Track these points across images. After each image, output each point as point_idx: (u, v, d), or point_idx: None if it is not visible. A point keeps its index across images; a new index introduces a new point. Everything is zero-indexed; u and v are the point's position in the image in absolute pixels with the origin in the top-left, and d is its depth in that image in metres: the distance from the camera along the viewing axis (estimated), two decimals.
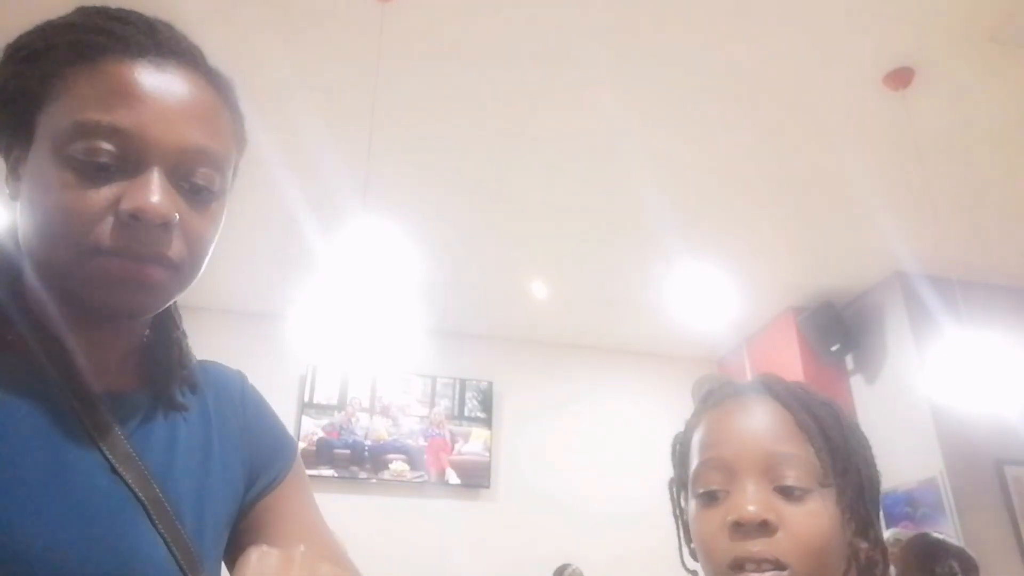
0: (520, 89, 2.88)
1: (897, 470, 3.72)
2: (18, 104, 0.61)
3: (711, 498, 0.73)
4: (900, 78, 2.79)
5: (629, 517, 4.38)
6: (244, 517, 0.73)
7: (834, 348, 4.33)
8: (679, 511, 0.82)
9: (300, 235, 3.66)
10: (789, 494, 0.71)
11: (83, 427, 0.60)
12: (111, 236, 0.58)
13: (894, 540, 2.44)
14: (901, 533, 2.66)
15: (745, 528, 0.69)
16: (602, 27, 2.60)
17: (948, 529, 3.40)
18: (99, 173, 0.58)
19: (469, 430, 4.65)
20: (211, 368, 0.78)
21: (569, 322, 4.84)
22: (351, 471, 4.36)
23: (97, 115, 0.58)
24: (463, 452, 4.59)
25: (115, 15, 0.63)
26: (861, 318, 4.38)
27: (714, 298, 4.37)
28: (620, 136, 3.11)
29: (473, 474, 4.55)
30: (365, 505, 4.29)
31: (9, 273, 0.64)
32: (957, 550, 2.27)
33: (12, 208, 0.68)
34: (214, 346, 1.23)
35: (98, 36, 0.61)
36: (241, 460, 0.74)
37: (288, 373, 4.37)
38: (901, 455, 3.74)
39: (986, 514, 3.62)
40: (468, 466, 4.57)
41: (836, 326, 4.32)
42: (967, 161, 3.26)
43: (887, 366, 4.16)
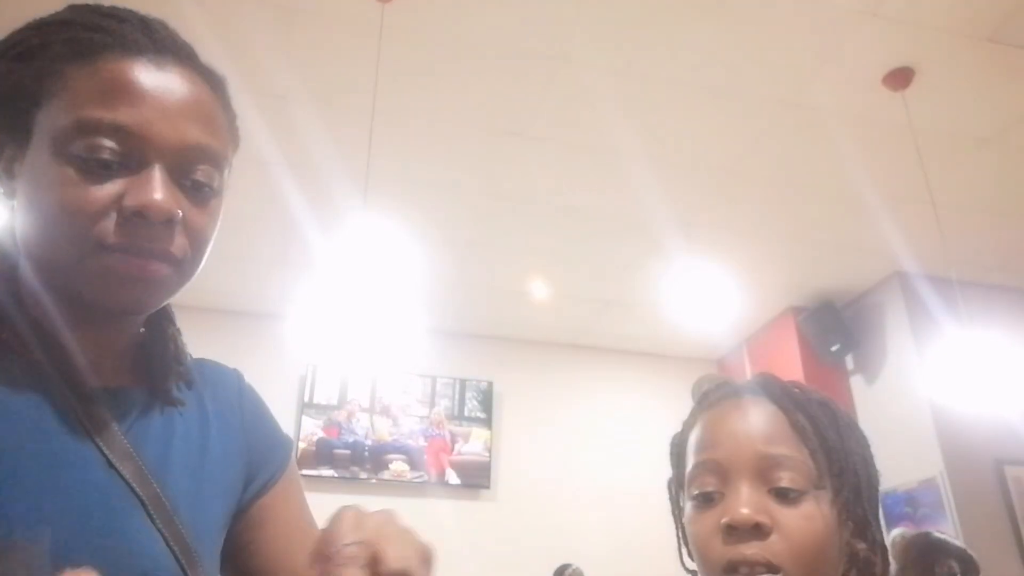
0: (520, 88, 2.88)
1: (897, 470, 3.72)
2: (12, 102, 0.61)
3: (706, 500, 0.73)
4: (900, 78, 2.79)
5: (629, 517, 4.38)
6: (241, 515, 0.73)
7: (834, 348, 4.33)
8: (677, 511, 0.82)
9: (300, 235, 3.66)
10: (783, 496, 0.70)
11: (80, 423, 0.60)
12: (115, 232, 0.58)
13: (900, 539, 2.42)
14: (907, 533, 2.65)
15: (738, 531, 0.69)
16: (602, 27, 2.60)
17: (948, 529, 3.40)
18: (101, 170, 0.58)
19: (469, 430, 4.65)
20: (207, 365, 0.78)
21: (569, 322, 4.83)
22: (351, 471, 4.36)
23: (99, 113, 0.58)
24: (463, 452, 4.59)
25: (110, 12, 0.64)
26: (861, 318, 4.38)
27: (714, 298, 4.38)
28: (620, 135, 3.11)
29: (473, 474, 4.55)
30: (365, 505, 4.28)
31: (4, 271, 0.64)
32: (958, 550, 2.26)
33: (6, 207, 0.68)
34: (214, 346, 1.22)
35: (95, 33, 0.61)
36: (239, 457, 0.74)
37: (288, 373, 4.37)
38: (901, 455, 3.74)
39: (986, 514, 3.62)
40: (468, 466, 4.57)
41: (836, 326, 4.32)
42: (967, 161, 3.26)
43: (887, 366, 4.16)
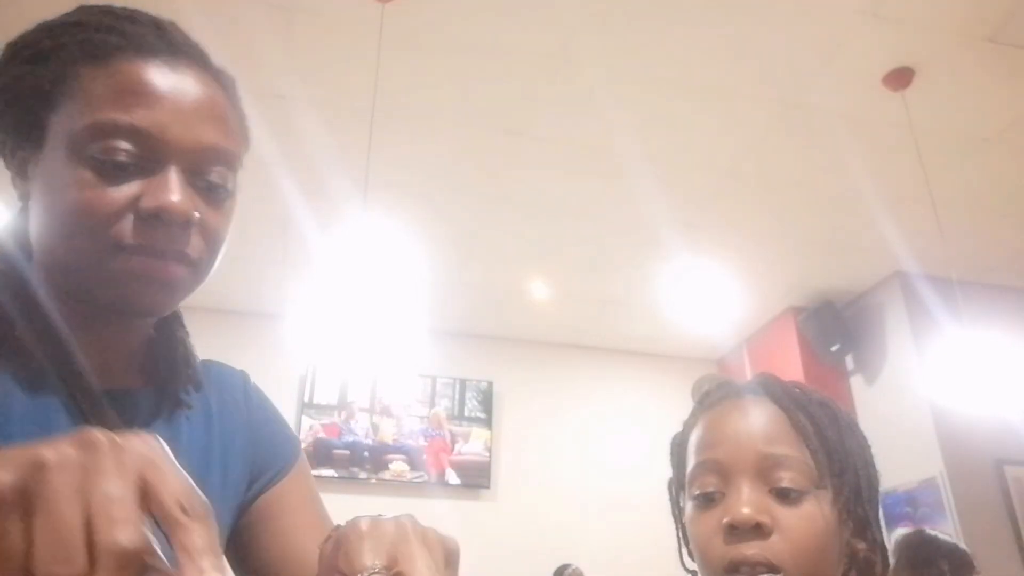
0: (520, 90, 2.88)
1: (897, 470, 3.72)
2: (25, 104, 0.61)
3: (707, 500, 0.73)
4: (900, 78, 2.79)
5: (630, 517, 4.38)
6: (245, 513, 0.73)
7: (834, 348, 4.33)
8: (678, 512, 0.82)
9: (300, 235, 3.66)
10: (784, 496, 0.70)
11: (87, 425, 0.60)
12: (132, 234, 0.58)
13: (895, 539, 2.42)
14: (904, 532, 2.64)
15: (739, 531, 0.69)
16: (603, 27, 2.60)
17: (948, 529, 3.40)
18: (117, 172, 0.58)
19: (469, 430, 4.65)
20: (214, 367, 0.78)
21: (569, 322, 4.84)
22: (351, 471, 4.36)
23: (115, 114, 0.58)
24: (463, 452, 4.59)
25: (122, 14, 0.64)
26: (861, 318, 4.38)
27: (714, 298, 4.38)
28: (621, 136, 3.11)
29: (473, 474, 4.55)
30: (365, 505, 4.24)
31: (13, 271, 0.64)
32: (948, 549, 2.23)
33: (13, 208, 0.68)
34: (214, 346, 1.22)
35: (109, 35, 0.61)
36: (243, 459, 0.74)
37: (288, 373, 4.37)
38: (901, 455, 3.74)
39: (986, 514, 3.62)
40: (468, 466, 4.57)
41: (836, 326, 4.32)
42: (967, 161, 3.26)
43: (887, 366, 4.16)
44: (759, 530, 0.68)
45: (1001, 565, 3.45)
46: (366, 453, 4.42)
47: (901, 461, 3.73)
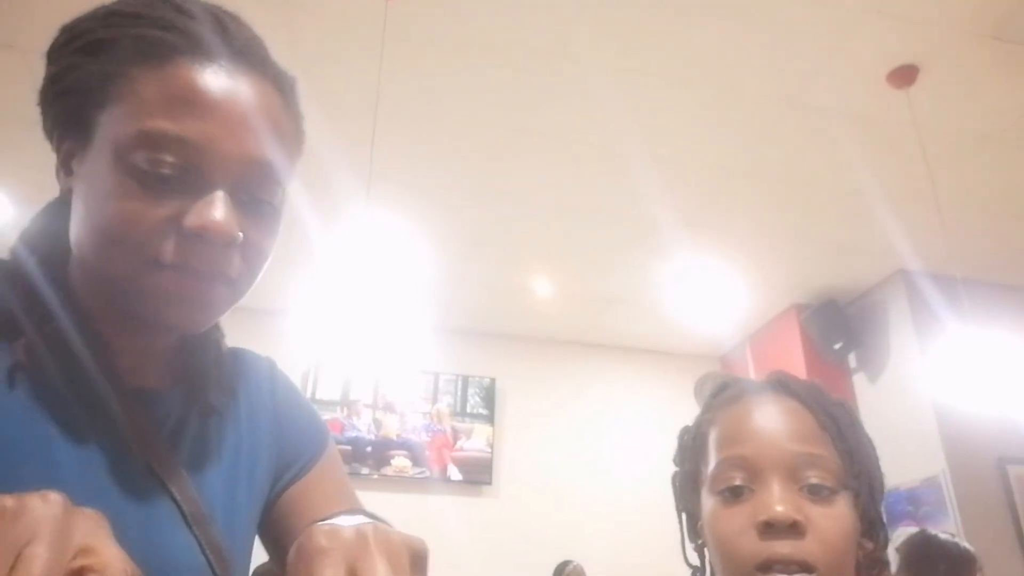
0: (523, 86, 2.88)
1: (899, 469, 3.72)
2: (76, 98, 0.59)
3: (734, 495, 0.72)
4: (904, 76, 2.78)
5: (631, 514, 4.38)
6: (273, 505, 0.72)
7: (837, 346, 4.32)
8: (683, 507, 0.82)
9: (303, 231, 3.66)
10: (816, 495, 0.70)
11: (118, 425, 0.59)
12: (173, 251, 0.56)
13: (897, 538, 2.42)
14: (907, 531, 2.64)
15: (775, 528, 0.68)
16: (604, 26, 2.60)
17: (950, 528, 3.40)
18: (161, 184, 0.56)
19: (471, 426, 4.65)
20: (241, 355, 0.77)
21: (571, 319, 4.83)
22: (353, 467, 4.36)
23: (164, 124, 0.56)
24: (465, 448, 4.60)
25: (180, 7, 0.60)
26: (864, 316, 4.37)
27: (717, 295, 4.37)
28: (623, 133, 3.10)
29: (475, 470, 4.56)
30: (367, 501, 4.20)
31: (49, 267, 0.62)
32: (948, 549, 2.22)
33: (39, 201, 0.66)
34: None
35: (167, 32, 0.58)
36: (269, 455, 0.72)
37: (290, 369, 4.33)
38: (904, 453, 3.73)
39: (988, 513, 3.62)
40: (470, 462, 4.57)
41: (839, 324, 4.31)
42: (971, 159, 3.25)
43: (890, 364, 4.16)
44: (794, 529, 0.68)
45: (1003, 564, 3.45)
46: (369, 449, 4.43)
47: (903, 459, 3.73)
